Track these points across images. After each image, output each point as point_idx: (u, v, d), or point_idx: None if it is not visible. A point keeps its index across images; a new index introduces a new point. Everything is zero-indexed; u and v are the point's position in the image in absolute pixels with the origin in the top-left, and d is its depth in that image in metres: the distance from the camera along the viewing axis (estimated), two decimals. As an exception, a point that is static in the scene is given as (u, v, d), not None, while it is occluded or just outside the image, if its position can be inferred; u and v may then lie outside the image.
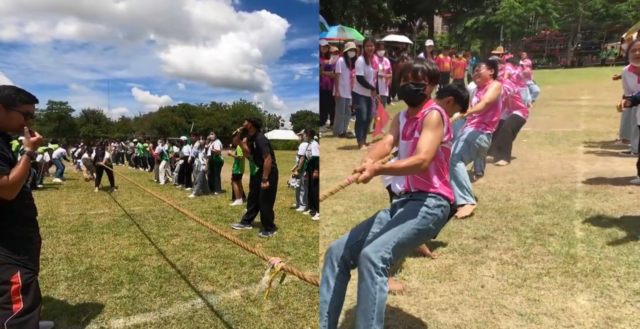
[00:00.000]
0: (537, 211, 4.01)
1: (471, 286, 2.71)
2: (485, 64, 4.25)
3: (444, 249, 3.31)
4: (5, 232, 1.99)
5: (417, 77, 2.06)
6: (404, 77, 2.10)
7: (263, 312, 2.81)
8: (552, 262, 2.98)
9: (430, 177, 2.07)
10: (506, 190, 4.76)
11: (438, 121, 1.98)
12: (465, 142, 4.00)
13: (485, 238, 3.46)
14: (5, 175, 1.93)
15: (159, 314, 2.78)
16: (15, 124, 2.09)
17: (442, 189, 2.07)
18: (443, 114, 2.02)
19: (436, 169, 2.07)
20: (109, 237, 4.86)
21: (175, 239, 4.77)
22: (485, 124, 4.03)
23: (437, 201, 2.04)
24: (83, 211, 6.67)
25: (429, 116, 2.00)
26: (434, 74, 2.09)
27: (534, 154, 6.47)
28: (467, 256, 3.15)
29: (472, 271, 2.93)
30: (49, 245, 4.40)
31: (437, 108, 2.03)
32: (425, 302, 2.56)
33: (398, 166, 1.90)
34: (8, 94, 2.04)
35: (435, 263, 3.07)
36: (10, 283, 1.98)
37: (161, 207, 6.99)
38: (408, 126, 2.14)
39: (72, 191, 9.56)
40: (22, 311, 2.00)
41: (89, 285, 3.27)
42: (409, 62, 2.13)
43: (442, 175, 2.10)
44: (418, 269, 2.99)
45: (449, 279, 2.83)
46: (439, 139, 1.97)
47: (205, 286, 3.27)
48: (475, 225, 3.75)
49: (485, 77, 4.17)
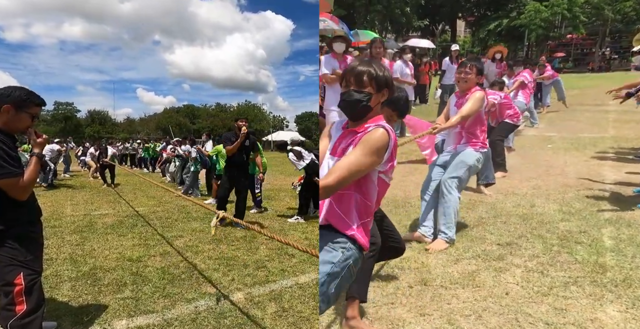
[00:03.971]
0: (564, 218, 3.92)
1: (495, 293, 2.66)
2: (476, 67, 3.54)
3: (467, 254, 3.25)
4: (10, 233, 2.00)
5: (361, 82, 1.62)
6: (346, 82, 1.66)
7: (266, 314, 2.79)
8: (580, 271, 2.90)
9: (350, 213, 1.60)
10: (530, 196, 4.67)
11: (379, 144, 1.54)
12: (465, 166, 3.52)
13: (510, 245, 3.38)
14: (20, 176, 1.95)
15: (162, 315, 2.77)
16: (23, 126, 2.11)
17: (359, 234, 1.61)
18: (391, 134, 1.58)
19: (359, 205, 1.61)
20: (113, 237, 4.87)
21: (179, 240, 4.77)
22: (481, 142, 3.62)
23: (345, 252, 1.57)
24: (87, 212, 6.69)
25: (370, 134, 1.57)
26: (384, 81, 1.64)
27: (559, 160, 6.35)
28: (490, 263, 3.09)
29: (496, 277, 2.87)
30: (54, 245, 4.41)
31: (385, 126, 1.59)
32: (448, 308, 2.52)
33: None
34: (19, 95, 2.06)
35: (457, 268, 3.03)
36: (13, 285, 1.98)
37: (165, 208, 6.99)
38: (342, 139, 1.68)
39: (77, 191, 9.60)
40: (25, 312, 2.00)
41: (93, 286, 3.27)
42: (353, 64, 1.68)
43: (364, 214, 1.63)
44: (440, 274, 2.94)
45: (472, 285, 2.77)
46: (368, 165, 1.54)
47: (209, 288, 3.26)
48: (498, 231, 3.68)
49: (471, 82, 3.54)
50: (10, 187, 1.94)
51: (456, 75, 3.66)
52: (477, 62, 3.62)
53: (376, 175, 1.63)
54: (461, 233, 3.67)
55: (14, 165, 1.94)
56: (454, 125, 3.51)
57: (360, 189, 1.61)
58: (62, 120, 45.59)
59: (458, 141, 3.67)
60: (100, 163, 10.84)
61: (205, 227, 5.42)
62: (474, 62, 3.60)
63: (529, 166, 6.21)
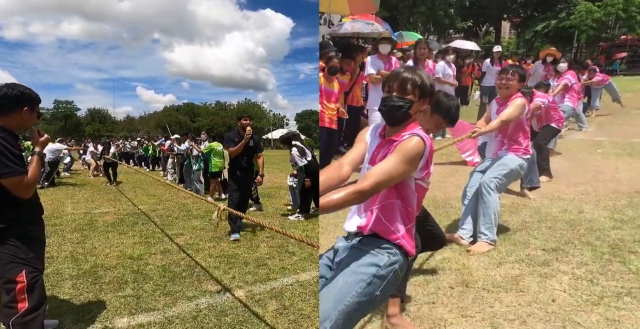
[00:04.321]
0: (615, 226, 3.76)
1: (540, 299, 2.58)
2: (518, 73, 3.51)
3: (510, 258, 3.17)
4: (12, 231, 2.00)
5: (405, 90, 1.62)
6: (389, 87, 1.66)
7: (267, 312, 2.80)
8: (634, 281, 2.78)
9: (394, 220, 1.62)
10: (578, 201, 4.51)
11: (415, 153, 1.54)
12: (506, 168, 3.49)
13: (555, 250, 3.28)
14: (24, 175, 1.97)
15: (163, 313, 2.77)
16: (30, 124, 2.16)
17: (404, 240, 1.63)
18: (427, 143, 1.58)
19: (402, 211, 1.63)
20: (113, 236, 4.87)
21: (180, 238, 4.78)
22: (524, 148, 3.57)
23: (391, 257, 1.59)
24: (88, 210, 6.70)
25: (406, 142, 1.56)
26: (427, 90, 1.64)
27: (609, 165, 6.10)
28: (535, 268, 3.01)
29: (542, 283, 2.79)
30: (55, 244, 4.41)
31: (420, 135, 1.59)
32: (491, 311, 2.47)
33: (330, 202, 1.45)
34: (30, 94, 2.09)
35: (500, 271, 2.96)
36: (15, 282, 1.99)
37: (165, 206, 7.00)
38: (381, 148, 1.68)
39: (77, 189, 9.61)
40: (27, 310, 2.00)
41: (94, 284, 3.27)
42: (397, 70, 1.68)
43: (407, 220, 1.65)
44: (482, 276, 2.89)
45: (516, 289, 2.70)
46: (402, 173, 1.54)
47: (210, 286, 3.27)
48: (543, 236, 3.58)
49: (513, 89, 3.51)
50: (15, 185, 1.95)
51: (497, 81, 3.61)
52: (520, 69, 3.59)
53: (413, 182, 1.64)
54: (503, 237, 3.59)
55: (18, 164, 1.96)
56: (494, 129, 3.48)
57: (401, 196, 1.63)
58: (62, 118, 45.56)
59: (499, 148, 3.64)
60: (102, 160, 10.84)
61: (205, 225, 5.43)
62: (516, 68, 3.57)
63: (576, 170, 5.96)
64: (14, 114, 2.05)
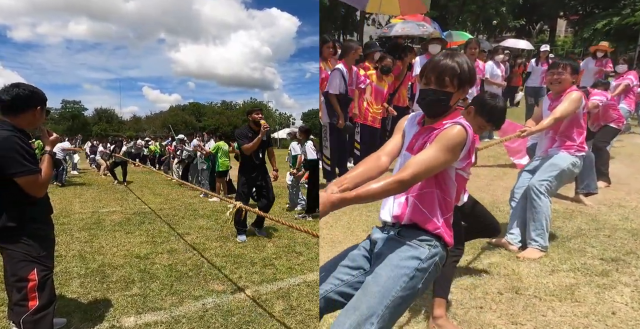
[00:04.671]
0: None
1: (599, 311, 2.45)
2: (570, 66, 3.28)
3: (564, 266, 3.04)
4: (24, 230, 2.02)
5: (442, 82, 1.56)
6: (426, 79, 1.61)
7: (274, 312, 2.80)
8: None
9: (433, 210, 1.59)
10: None
11: (457, 142, 1.50)
12: (557, 169, 3.27)
13: (616, 261, 3.12)
14: (38, 173, 2.00)
15: (169, 313, 2.78)
16: (41, 122, 2.20)
17: (444, 230, 1.60)
18: (469, 132, 1.54)
19: (440, 201, 1.61)
20: (120, 235, 4.90)
21: (186, 237, 4.79)
22: (577, 145, 3.33)
23: (432, 249, 1.56)
24: (96, 209, 6.74)
25: (447, 131, 1.52)
26: (466, 78, 1.57)
27: None
28: (592, 278, 2.87)
29: (600, 294, 2.64)
30: (63, 242, 4.45)
31: (463, 123, 1.54)
32: (544, 320, 2.38)
33: (370, 192, 1.42)
34: (39, 93, 2.13)
35: (553, 279, 2.85)
36: (27, 280, 2.01)
37: (172, 206, 7.03)
38: (419, 135, 1.65)
39: (85, 188, 9.68)
40: (37, 308, 2.02)
41: (101, 283, 3.29)
42: (436, 59, 1.60)
43: (446, 210, 1.62)
44: (533, 283, 2.79)
45: (571, 299, 2.59)
46: (443, 162, 1.50)
47: (216, 286, 3.27)
48: (602, 245, 3.40)
49: (566, 83, 3.27)
50: (30, 184, 1.98)
51: (548, 77, 3.40)
52: (571, 61, 3.39)
53: (454, 171, 1.60)
54: (556, 243, 3.46)
55: (33, 162, 1.99)
56: (546, 128, 3.27)
57: (440, 186, 1.60)
58: (69, 118, 45.94)
59: (550, 145, 3.41)
60: (113, 159, 10.90)
61: (212, 225, 5.45)
62: (566, 61, 3.36)
63: (638, 177, 5.71)
64: (25, 114, 2.07)
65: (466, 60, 1.60)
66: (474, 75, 1.63)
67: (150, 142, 17.44)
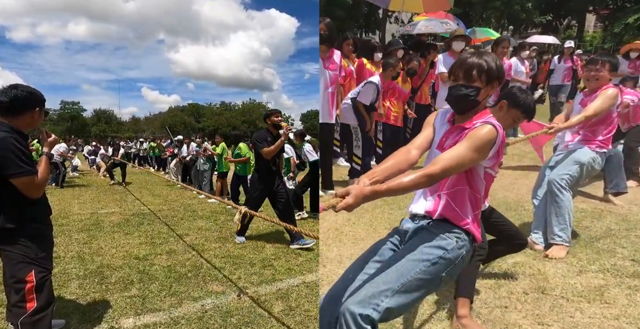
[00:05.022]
0: None
1: (630, 313, 2.38)
2: (610, 62, 3.17)
3: (592, 267, 2.96)
4: (22, 231, 2.02)
5: (470, 77, 1.60)
6: (454, 76, 1.66)
7: (273, 313, 2.80)
8: None
9: (464, 207, 1.64)
10: None
11: (486, 141, 1.54)
12: (577, 163, 3.20)
13: None
14: (35, 175, 2.00)
15: (168, 314, 2.78)
16: (39, 123, 2.20)
17: (472, 226, 1.65)
18: (499, 132, 1.57)
19: (470, 198, 1.66)
20: (119, 236, 4.89)
21: (185, 238, 4.79)
22: (600, 141, 3.25)
23: (459, 241, 1.61)
24: (94, 210, 6.73)
25: (477, 130, 1.56)
26: (494, 74, 1.61)
27: None
28: (622, 279, 2.79)
29: (631, 296, 2.56)
30: (62, 243, 4.44)
31: (493, 123, 1.57)
32: (571, 321, 2.32)
33: (401, 185, 1.46)
34: (37, 94, 2.14)
35: (580, 280, 2.77)
36: (25, 282, 2.00)
37: (171, 207, 7.03)
38: (450, 134, 1.69)
39: (84, 189, 9.67)
40: (35, 309, 2.01)
41: (100, 284, 3.29)
42: (463, 56, 1.65)
43: (476, 206, 1.67)
44: (560, 284, 2.73)
45: (600, 300, 2.52)
46: (471, 160, 1.54)
47: (215, 287, 3.27)
48: (633, 245, 3.32)
49: (603, 80, 3.18)
50: (27, 185, 1.98)
51: (585, 73, 3.32)
52: (611, 57, 3.27)
53: (482, 169, 1.65)
54: (584, 243, 3.39)
55: (30, 164, 1.99)
56: (575, 125, 3.19)
57: (470, 183, 1.65)
58: (68, 119, 45.91)
59: (572, 139, 3.35)
60: (112, 161, 10.90)
61: (211, 226, 5.45)
62: (605, 57, 3.23)
63: None
64: (24, 115, 2.07)
65: (494, 58, 1.63)
66: (503, 72, 1.65)
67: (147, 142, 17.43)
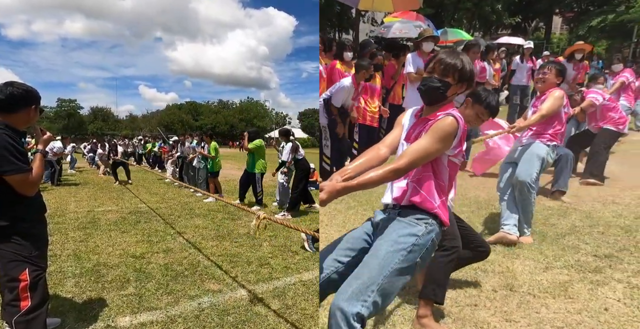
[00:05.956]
0: None
1: (591, 307, 2.47)
2: (556, 68, 3.55)
3: (558, 263, 3.08)
4: (15, 229, 2.00)
5: (445, 72, 1.74)
6: (430, 68, 1.79)
7: (270, 312, 2.79)
8: None
9: (430, 192, 1.73)
10: (635, 206, 4.32)
11: (448, 132, 1.65)
12: (539, 158, 3.48)
13: (609, 257, 3.16)
14: (29, 172, 1.99)
15: (165, 312, 2.77)
16: (35, 121, 2.19)
17: (440, 210, 1.73)
18: (460, 122, 1.68)
19: (435, 184, 1.75)
20: (116, 234, 4.87)
21: (182, 237, 4.77)
22: (549, 135, 3.55)
23: (428, 226, 1.69)
24: (91, 208, 6.71)
25: (440, 122, 1.67)
26: (466, 75, 1.74)
27: None
28: (585, 274, 2.90)
29: (593, 291, 2.67)
30: (58, 242, 4.42)
31: (454, 114, 1.69)
32: (537, 316, 2.39)
33: (370, 179, 1.57)
34: (33, 92, 2.13)
35: (547, 276, 2.88)
36: (18, 280, 1.98)
37: (168, 205, 7.01)
38: (416, 126, 1.80)
39: (80, 187, 9.63)
40: (30, 308, 2.00)
41: (96, 282, 3.27)
42: (443, 54, 1.78)
43: (442, 193, 1.76)
44: (527, 280, 2.82)
45: (564, 296, 2.62)
46: (437, 150, 1.65)
47: (212, 285, 3.26)
48: (595, 241, 3.45)
49: (550, 83, 3.53)
50: (21, 183, 1.96)
51: (535, 77, 3.72)
52: (557, 64, 3.64)
53: (446, 158, 1.75)
54: (551, 240, 3.51)
55: (24, 161, 1.97)
56: (533, 123, 3.51)
57: (434, 171, 1.75)
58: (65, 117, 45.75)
59: (526, 134, 3.65)
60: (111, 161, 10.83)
61: (208, 224, 5.43)
62: (553, 64, 3.63)
63: (633, 174, 5.69)
64: (19, 113, 2.06)
65: (469, 62, 1.78)
66: (474, 77, 1.79)
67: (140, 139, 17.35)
